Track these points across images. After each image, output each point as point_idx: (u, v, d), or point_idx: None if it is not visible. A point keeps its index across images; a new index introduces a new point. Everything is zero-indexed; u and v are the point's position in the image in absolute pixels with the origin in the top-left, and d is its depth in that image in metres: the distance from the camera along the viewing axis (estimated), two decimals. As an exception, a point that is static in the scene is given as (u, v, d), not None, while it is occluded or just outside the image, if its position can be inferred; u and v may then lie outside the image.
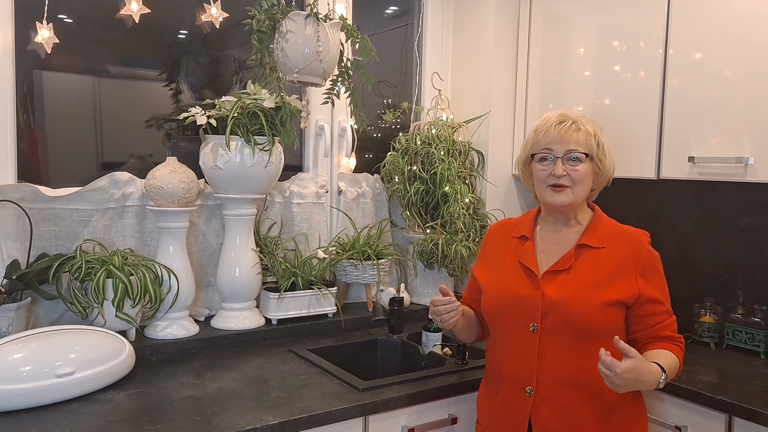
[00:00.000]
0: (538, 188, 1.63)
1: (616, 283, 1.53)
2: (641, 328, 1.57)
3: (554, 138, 1.57)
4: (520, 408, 1.57)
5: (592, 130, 1.59)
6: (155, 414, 1.54)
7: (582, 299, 1.51)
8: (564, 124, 1.58)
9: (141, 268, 1.89)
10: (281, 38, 1.89)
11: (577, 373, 1.52)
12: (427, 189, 2.50)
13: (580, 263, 1.57)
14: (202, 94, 2.34)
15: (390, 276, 2.59)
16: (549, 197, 1.59)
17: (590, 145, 1.57)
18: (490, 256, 1.74)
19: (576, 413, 1.52)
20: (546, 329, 1.54)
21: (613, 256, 1.56)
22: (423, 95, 2.74)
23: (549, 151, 1.58)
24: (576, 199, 1.58)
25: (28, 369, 1.54)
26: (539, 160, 1.60)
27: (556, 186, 1.57)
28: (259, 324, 2.18)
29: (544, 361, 1.54)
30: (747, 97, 1.93)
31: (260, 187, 2.11)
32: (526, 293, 1.57)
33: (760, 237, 2.19)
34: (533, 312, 1.55)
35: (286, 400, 1.65)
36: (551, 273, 1.58)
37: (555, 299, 1.53)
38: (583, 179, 1.57)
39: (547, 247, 1.64)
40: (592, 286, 1.53)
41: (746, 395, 1.72)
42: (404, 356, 2.22)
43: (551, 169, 1.57)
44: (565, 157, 1.56)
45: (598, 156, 1.59)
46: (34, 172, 2.06)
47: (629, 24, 2.23)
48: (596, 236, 1.59)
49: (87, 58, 2.16)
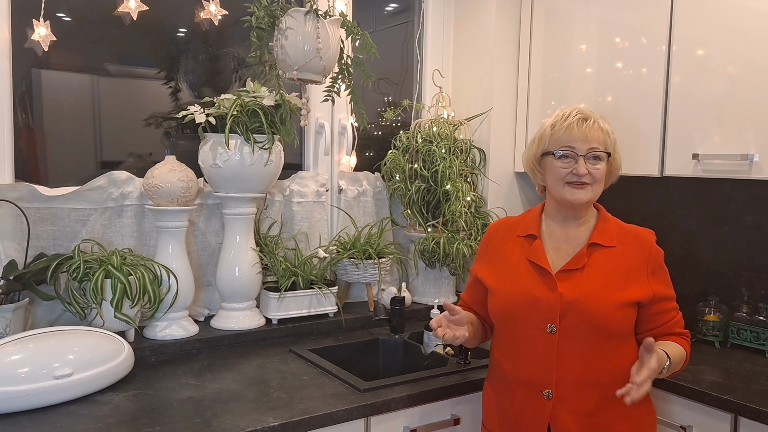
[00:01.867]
0: (555, 185, 1.57)
1: (632, 283, 1.52)
2: (653, 326, 1.56)
3: (577, 136, 1.52)
4: (538, 412, 1.52)
5: (608, 128, 1.57)
6: (154, 416, 1.52)
7: (601, 299, 1.49)
8: (588, 122, 1.54)
9: (140, 267, 1.88)
10: (281, 35, 1.87)
11: (596, 374, 1.50)
12: (429, 187, 2.48)
13: (593, 262, 1.54)
14: (201, 92, 2.32)
15: (391, 275, 2.58)
16: (569, 195, 1.54)
17: (608, 144, 1.56)
18: (494, 256, 1.69)
19: (596, 415, 1.50)
20: (564, 330, 1.50)
21: (625, 255, 1.54)
22: (424, 93, 2.72)
23: (571, 149, 1.53)
24: (594, 196, 1.56)
25: (26, 370, 1.52)
26: (560, 157, 1.55)
27: (575, 184, 1.53)
28: (260, 324, 2.16)
29: (563, 363, 1.50)
30: (751, 93, 1.91)
31: (260, 186, 2.09)
32: (542, 293, 1.53)
33: (765, 235, 2.17)
34: (551, 313, 1.51)
35: (287, 401, 1.63)
36: (565, 272, 1.54)
37: (573, 299, 1.50)
38: (602, 178, 1.56)
39: (556, 246, 1.60)
40: (610, 286, 1.51)
41: (752, 395, 1.70)
42: (406, 356, 2.20)
43: (572, 168, 1.53)
44: (588, 155, 1.53)
45: (613, 154, 1.58)
46: (32, 171, 2.04)
47: (631, 20, 2.21)
48: (606, 235, 1.57)
49: (85, 56, 2.14)
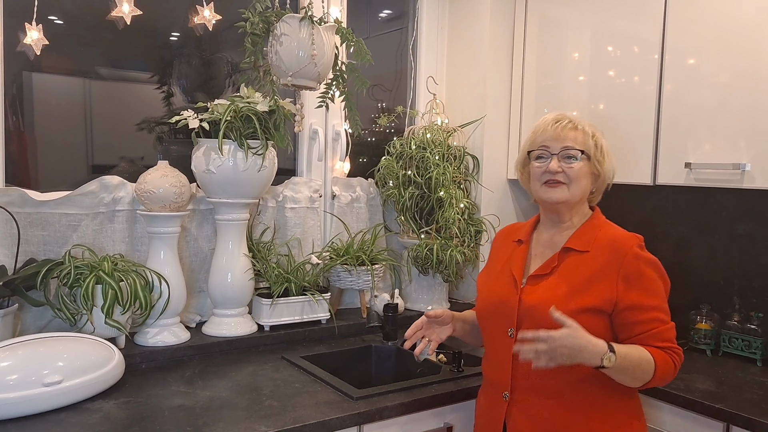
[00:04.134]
0: (534, 186, 1.60)
1: (594, 289, 1.48)
2: (627, 336, 1.48)
3: (550, 135, 1.56)
4: (497, 412, 1.56)
5: (590, 131, 1.57)
6: (145, 424, 1.50)
7: (558, 305, 1.44)
8: (560, 122, 1.57)
9: (131, 273, 1.86)
10: (275, 41, 1.87)
11: (549, 382, 1.48)
12: (422, 194, 2.48)
13: (563, 267, 1.54)
14: (195, 97, 2.31)
15: (384, 281, 2.57)
16: (543, 193, 1.57)
17: (587, 144, 1.55)
18: (492, 260, 1.74)
19: (551, 421, 1.49)
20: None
21: (594, 260, 1.51)
22: (418, 99, 2.72)
23: (545, 149, 1.56)
24: (572, 197, 1.55)
25: (15, 377, 1.50)
26: (536, 158, 1.58)
27: (550, 182, 1.55)
28: (252, 330, 2.15)
29: (517, 368, 1.52)
30: (743, 102, 1.92)
31: (253, 192, 2.08)
32: (505, 298, 1.57)
33: (757, 243, 2.18)
34: (510, 317, 1.54)
35: (279, 409, 1.62)
36: (534, 278, 1.56)
37: (531, 305, 1.51)
38: (579, 177, 1.54)
39: (539, 251, 1.62)
40: (568, 292, 1.48)
41: (744, 403, 1.71)
42: (399, 363, 2.19)
43: (546, 166, 1.55)
44: (561, 154, 1.54)
45: (596, 157, 1.56)
46: (22, 175, 2.02)
47: (623, 29, 2.22)
48: (583, 239, 1.55)
49: (77, 59, 2.12)
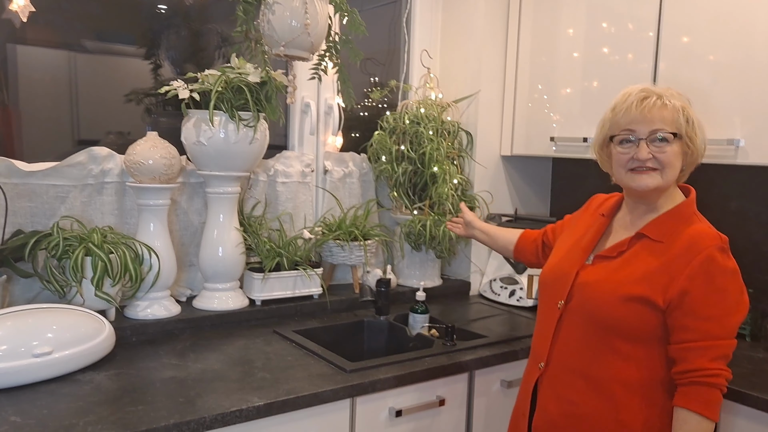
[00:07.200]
0: (618, 172, 1.46)
1: (653, 280, 1.36)
2: (670, 341, 1.38)
3: (636, 117, 1.39)
4: (530, 381, 1.55)
5: (680, 105, 1.40)
6: (137, 395, 1.49)
7: (606, 288, 1.40)
8: (648, 100, 1.39)
9: (121, 246, 1.83)
10: (267, 10, 1.83)
11: (583, 365, 1.44)
12: (415, 169, 2.46)
13: (631, 253, 1.44)
14: (184, 68, 2.26)
15: (376, 257, 2.56)
16: (631, 181, 1.42)
17: (678, 123, 1.38)
18: (572, 223, 1.68)
19: (576, 404, 1.44)
20: (568, 311, 1.47)
21: (665, 252, 1.39)
22: (411, 74, 2.69)
23: (630, 132, 1.40)
24: (665, 183, 1.40)
25: (4, 348, 1.48)
26: (619, 142, 1.43)
27: (639, 169, 1.40)
28: (243, 305, 2.13)
29: (556, 342, 1.49)
30: (737, 79, 1.91)
31: (244, 165, 2.05)
32: (567, 271, 1.50)
33: (749, 220, 2.19)
34: (563, 290, 1.49)
35: (271, 381, 1.61)
36: (600, 257, 1.48)
37: (582, 282, 1.46)
38: (672, 161, 1.39)
39: (616, 230, 1.53)
40: (625, 278, 1.40)
41: (734, 378, 1.71)
42: (391, 338, 2.19)
43: (633, 152, 1.39)
44: (650, 138, 1.38)
45: (688, 134, 1.40)
46: (7, 149, 1.98)
47: (618, 5, 2.20)
48: (661, 229, 1.42)
49: (62, 32, 2.07)
